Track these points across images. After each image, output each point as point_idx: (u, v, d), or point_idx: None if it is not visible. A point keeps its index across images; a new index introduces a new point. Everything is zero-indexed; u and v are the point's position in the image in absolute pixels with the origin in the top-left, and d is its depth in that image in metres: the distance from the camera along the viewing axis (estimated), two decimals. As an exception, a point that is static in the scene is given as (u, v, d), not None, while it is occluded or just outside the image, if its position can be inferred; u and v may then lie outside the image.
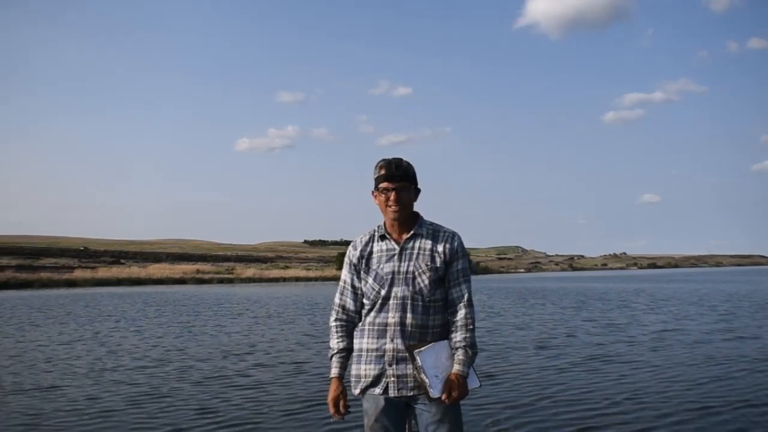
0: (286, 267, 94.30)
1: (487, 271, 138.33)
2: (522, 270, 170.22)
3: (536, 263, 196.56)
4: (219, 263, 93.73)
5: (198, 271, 71.72)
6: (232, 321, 17.26)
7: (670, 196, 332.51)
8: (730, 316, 16.45)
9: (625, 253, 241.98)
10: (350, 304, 2.73)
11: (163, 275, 63.56)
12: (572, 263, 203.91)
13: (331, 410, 2.66)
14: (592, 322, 15.23)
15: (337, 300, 2.78)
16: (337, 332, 2.74)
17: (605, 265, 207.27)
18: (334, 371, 2.70)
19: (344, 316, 2.74)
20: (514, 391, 7.11)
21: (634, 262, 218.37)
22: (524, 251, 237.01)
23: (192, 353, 10.66)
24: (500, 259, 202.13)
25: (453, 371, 2.52)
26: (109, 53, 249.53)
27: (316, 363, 9.48)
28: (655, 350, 10.22)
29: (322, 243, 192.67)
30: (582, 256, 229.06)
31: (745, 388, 7.11)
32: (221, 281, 65.44)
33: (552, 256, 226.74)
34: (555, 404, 6.46)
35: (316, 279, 74.57)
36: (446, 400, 2.47)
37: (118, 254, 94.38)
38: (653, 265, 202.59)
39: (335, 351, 2.72)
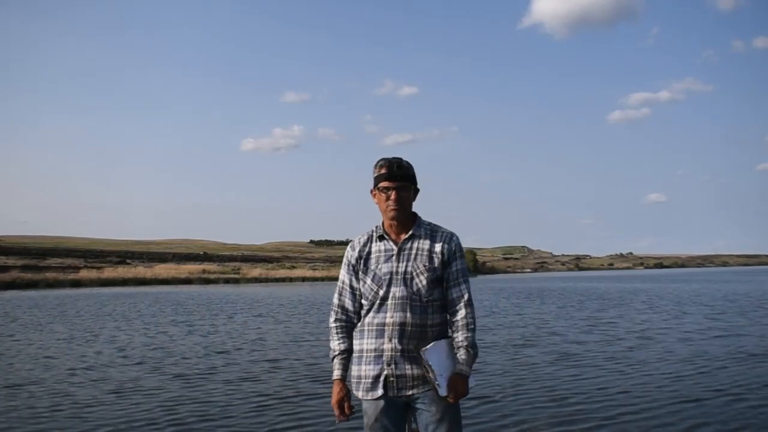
0: (292, 267, 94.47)
1: (493, 270, 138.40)
2: (528, 270, 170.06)
3: (542, 263, 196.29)
4: (225, 263, 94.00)
5: (204, 271, 71.88)
6: (227, 320, 17.54)
7: (676, 195, 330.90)
8: (722, 315, 16.60)
9: (631, 253, 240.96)
10: (349, 304, 2.74)
11: (169, 275, 63.71)
12: (578, 263, 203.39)
13: (336, 412, 2.66)
14: (581, 321, 15.42)
15: (336, 300, 2.79)
16: (337, 333, 2.75)
17: (611, 265, 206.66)
18: (337, 373, 2.69)
19: (344, 317, 2.75)
20: (480, 383, 7.33)
21: (641, 262, 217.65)
22: (530, 251, 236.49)
23: (182, 351, 10.92)
24: (506, 258, 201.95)
25: (455, 371, 2.56)
26: (115, 52, 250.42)
27: (301, 361, 9.71)
28: (634, 349, 10.40)
29: (328, 243, 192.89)
30: (588, 256, 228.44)
31: (711, 384, 7.30)
32: (227, 281, 65.62)
33: (558, 256, 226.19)
34: (518, 397, 6.68)
35: (322, 279, 74.76)
36: (452, 400, 2.52)
37: (124, 254, 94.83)
38: (659, 265, 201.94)
39: (337, 353, 2.72)
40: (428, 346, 2.55)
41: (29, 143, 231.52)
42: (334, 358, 2.72)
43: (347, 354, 2.72)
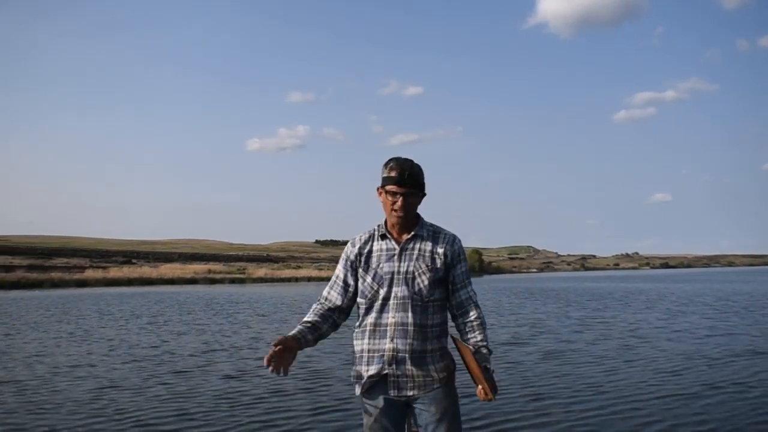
0: (298, 267, 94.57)
1: (498, 270, 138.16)
2: (534, 270, 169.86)
3: (548, 263, 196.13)
4: (231, 263, 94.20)
5: (209, 271, 71.97)
6: (228, 320, 17.68)
7: (681, 195, 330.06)
8: (720, 314, 16.70)
9: (637, 253, 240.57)
10: (335, 297, 2.73)
11: (174, 275, 63.79)
12: (584, 263, 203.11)
13: (270, 352, 2.46)
14: (577, 321, 15.55)
15: (324, 292, 2.77)
16: (312, 312, 2.73)
17: (617, 265, 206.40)
18: (290, 333, 2.61)
19: (324, 303, 2.74)
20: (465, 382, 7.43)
21: (647, 261, 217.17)
22: (536, 251, 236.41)
23: (181, 350, 11.09)
24: (512, 258, 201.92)
25: (487, 367, 2.51)
26: (116, 52, 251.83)
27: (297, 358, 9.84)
28: (625, 348, 10.52)
29: (334, 243, 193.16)
30: (594, 256, 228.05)
31: (700, 382, 7.41)
32: (233, 281, 65.73)
33: (564, 256, 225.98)
34: (502, 394, 6.82)
35: (327, 279, 73.71)
36: (492, 398, 2.46)
37: (129, 254, 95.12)
38: (665, 265, 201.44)
39: (301, 321, 2.70)
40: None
41: (32, 143, 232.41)
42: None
43: (311, 325, 2.67)
